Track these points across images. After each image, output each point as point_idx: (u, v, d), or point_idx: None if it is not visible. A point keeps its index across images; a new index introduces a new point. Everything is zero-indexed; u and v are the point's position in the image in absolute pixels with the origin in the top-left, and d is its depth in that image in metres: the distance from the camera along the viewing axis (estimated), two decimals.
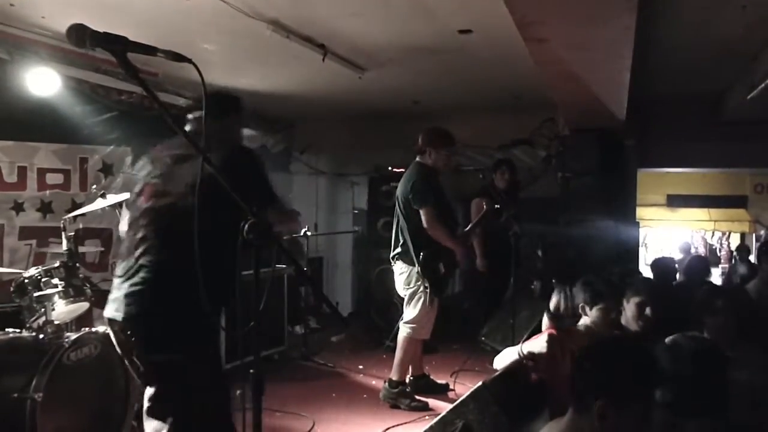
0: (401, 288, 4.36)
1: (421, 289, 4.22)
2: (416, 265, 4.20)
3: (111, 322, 2.33)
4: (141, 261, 2.25)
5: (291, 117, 7.67)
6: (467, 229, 4.64)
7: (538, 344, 2.80)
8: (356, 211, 7.56)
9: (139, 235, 2.28)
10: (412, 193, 4.20)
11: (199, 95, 2.42)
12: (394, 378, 4.38)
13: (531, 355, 2.81)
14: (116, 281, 2.33)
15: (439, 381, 4.66)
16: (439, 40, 4.31)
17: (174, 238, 2.17)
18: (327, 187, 7.98)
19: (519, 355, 2.84)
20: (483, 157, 7.08)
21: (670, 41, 4.46)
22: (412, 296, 4.27)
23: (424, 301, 4.22)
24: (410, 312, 4.29)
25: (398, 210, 4.36)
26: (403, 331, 4.34)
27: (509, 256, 5.13)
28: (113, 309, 2.29)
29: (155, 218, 2.28)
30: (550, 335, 2.80)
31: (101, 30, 1.50)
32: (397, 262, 4.35)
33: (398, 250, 4.32)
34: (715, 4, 3.71)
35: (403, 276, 4.31)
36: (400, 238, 4.32)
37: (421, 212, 4.17)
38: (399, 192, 4.36)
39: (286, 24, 3.96)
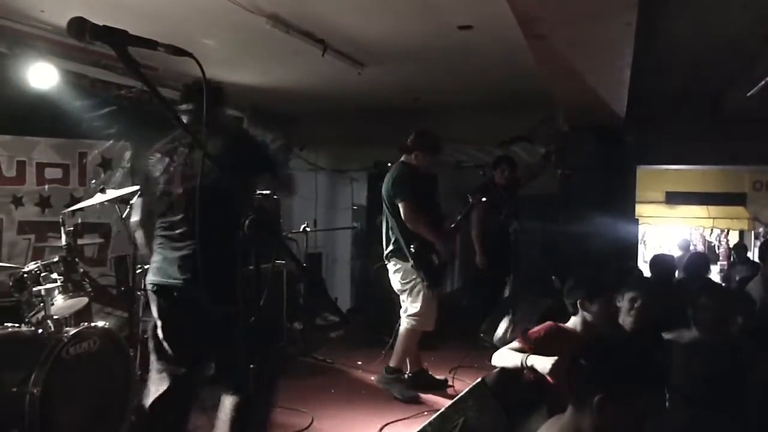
0: (397, 284, 4.43)
1: (419, 281, 4.30)
2: (410, 259, 4.26)
3: (167, 288, 2.63)
4: (189, 235, 2.60)
5: (290, 113, 7.66)
6: (453, 225, 4.71)
7: (542, 363, 2.70)
8: (355, 207, 7.56)
9: (180, 215, 2.64)
10: (393, 189, 4.32)
11: (187, 86, 2.85)
12: (392, 365, 4.47)
13: (533, 369, 2.75)
14: (166, 253, 2.66)
15: (438, 377, 4.67)
16: (439, 37, 4.31)
17: (210, 212, 2.49)
18: (326, 183, 7.98)
19: (522, 365, 2.79)
20: (482, 154, 7.08)
21: (671, 38, 4.46)
22: (411, 290, 4.34)
23: (424, 293, 4.30)
24: (413, 306, 4.36)
25: (385, 209, 4.46)
26: (406, 323, 4.40)
27: (509, 253, 5.13)
28: (167, 276, 2.63)
29: (192, 199, 2.58)
30: (556, 362, 2.64)
31: (101, 24, 1.49)
32: (391, 260, 4.43)
33: (391, 248, 4.40)
34: (715, 1, 3.71)
35: (398, 273, 4.39)
36: (391, 236, 4.40)
37: (400, 206, 4.26)
38: (383, 191, 4.46)
39: (286, 19, 3.95)
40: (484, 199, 4.87)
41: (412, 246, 4.26)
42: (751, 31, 4.15)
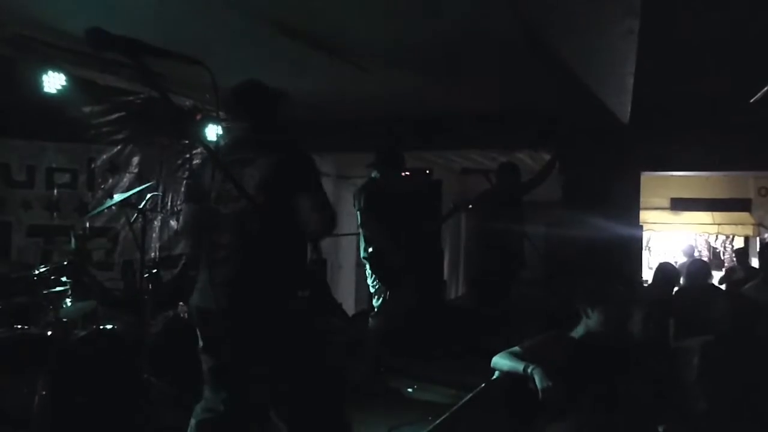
0: (369, 287, 4.94)
1: (379, 284, 4.78)
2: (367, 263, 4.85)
3: (206, 311, 2.43)
4: (230, 258, 2.42)
5: (296, 119, 7.68)
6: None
7: (541, 382, 2.52)
8: None
9: (225, 239, 2.44)
10: (354, 200, 5.03)
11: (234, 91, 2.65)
12: (363, 367, 4.84)
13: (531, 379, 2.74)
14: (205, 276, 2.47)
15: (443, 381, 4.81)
16: (444, 44, 4.34)
17: (251, 237, 2.39)
18: (331, 190, 7.98)
19: (524, 372, 2.67)
20: (487, 160, 7.11)
21: (674, 45, 4.48)
22: (375, 292, 4.85)
23: (383, 295, 4.76)
24: (375, 306, 4.85)
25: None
26: (369, 323, 4.89)
27: (513, 258, 5.16)
28: (210, 300, 2.39)
29: (234, 222, 2.43)
30: (551, 388, 2.47)
31: (113, 32, 1.52)
32: (365, 264, 4.94)
33: (362, 253, 4.93)
34: (719, 7, 3.73)
35: (369, 277, 4.89)
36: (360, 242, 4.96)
37: (357, 215, 4.95)
38: None
39: (293, 26, 3.99)
40: (470, 206, 5.26)
41: (367, 251, 4.77)
42: (755, 37, 4.17)
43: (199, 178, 2.60)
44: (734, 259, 9.51)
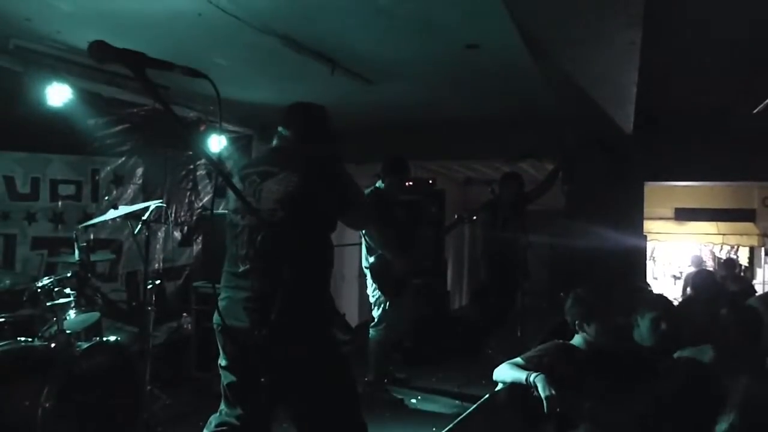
0: (369, 297, 4.90)
1: (379, 293, 4.76)
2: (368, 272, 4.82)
3: (228, 328, 2.37)
4: (250, 273, 2.37)
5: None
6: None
7: (544, 390, 2.58)
8: None
9: (243, 251, 2.39)
10: None
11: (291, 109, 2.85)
12: (369, 378, 4.81)
13: (535, 388, 2.74)
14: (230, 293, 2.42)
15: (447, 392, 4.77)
16: (446, 55, 4.36)
17: (272, 250, 2.33)
18: None
19: (526, 381, 2.70)
20: (491, 170, 7.11)
21: (677, 55, 4.49)
22: (375, 302, 4.82)
23: (383, 304, 4.75)
24: (376, 317, 4.81)
25: None
26: (370, 334, 4.84)
27: (517, 268, 5.15)
28: (231, 316, 2.34)
29: (252, 234, 2.38)
30: (554, 397, 2.52)
31: (117, 45, 1.53)
32: (367, 274, 4.88)
33: (364, 263, 4.87)
34: (721, 19, 3.74)
35: (369, 287, 4.86)
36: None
37: None
38: None
39: (297, 39, 4.02)
40: (474, 217, 5.38)
41: (368, 260, 4.74)
42: (756, 48, 4.18)
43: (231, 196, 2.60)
44: (715, 268, 9.46)
